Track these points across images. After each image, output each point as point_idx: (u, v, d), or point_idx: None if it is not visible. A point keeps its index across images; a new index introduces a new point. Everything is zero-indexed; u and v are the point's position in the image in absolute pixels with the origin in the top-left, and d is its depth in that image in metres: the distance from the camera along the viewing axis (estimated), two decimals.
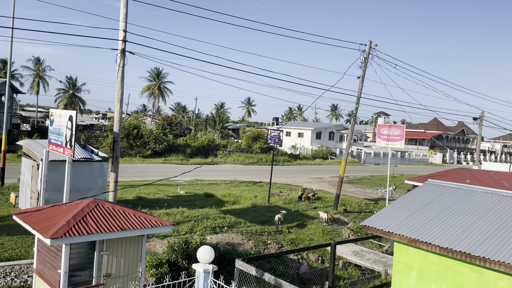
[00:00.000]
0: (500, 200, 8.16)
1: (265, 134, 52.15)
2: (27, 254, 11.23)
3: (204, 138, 50.81)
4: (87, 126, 78.41)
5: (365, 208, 21.64)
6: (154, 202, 18.65)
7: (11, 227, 12.86)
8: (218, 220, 15.87)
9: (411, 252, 7.86)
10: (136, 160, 38.31)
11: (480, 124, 36.07)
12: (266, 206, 19.92)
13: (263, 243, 14.15)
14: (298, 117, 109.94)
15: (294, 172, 39.57)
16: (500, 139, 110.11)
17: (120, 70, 12.73)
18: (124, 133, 38.27)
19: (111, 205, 8.13)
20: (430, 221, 7.87)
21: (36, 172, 14.39)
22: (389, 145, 21.37)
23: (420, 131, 78.60)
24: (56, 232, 6.80)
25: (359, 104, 20.88)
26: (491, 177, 17.27)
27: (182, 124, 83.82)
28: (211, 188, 24.14)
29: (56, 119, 11.82)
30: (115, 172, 12.91)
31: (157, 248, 12.42)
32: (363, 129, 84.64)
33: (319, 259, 14.08)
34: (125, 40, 12.60)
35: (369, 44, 20.59)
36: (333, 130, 69.50)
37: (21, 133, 40.75)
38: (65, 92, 68.69)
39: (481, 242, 6.89)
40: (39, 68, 68.69)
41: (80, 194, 13.06)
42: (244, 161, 45.03)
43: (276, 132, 22.35)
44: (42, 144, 15.44)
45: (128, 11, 12.66)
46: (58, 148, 11.65)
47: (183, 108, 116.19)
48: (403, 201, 8.99)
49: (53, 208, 8.08)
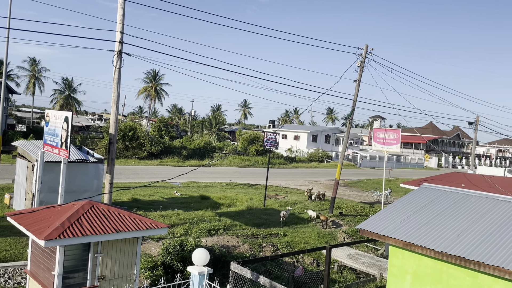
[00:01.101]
0: (494, 204, 8.20)
1: (261, 136, 52.16)
2: (21, 256, 11.15)
3: (200, 140, 50.75)
4: (83, 127, 78.08)
5: (361, 212, 21.67)
6: (150, 204, 18.60)
7: (5, 228, 12.78)
8: (213, 222, 15.84)
9: (406, 255, 7.87)
10: (132, 161, 38.20)
11: (475, 129, 36.24)
12: (261, 208, 19.91)
13: (258, 246, 14.13)
14: (295, 120, 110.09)
15: (290, 175, 39.58)
16: (495, 143, 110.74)
17: (117, 72, 12.70)
18: (120, 135, 38.16)
19: (106, 206, 8.10)
20: (425, 224, 7.89)
21: (31, 173, 14.32)
22: (384, 148, 21.42)
23: (416, 135, 78.92)
24: (50, 234, 6.77)
25: (355, 108, 20.94)
26: (486, 181, 17.33)
27: (178, 126, 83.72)
28: (206, 191, 24.10)
29: (51, 120, 11.77)
30: (111, 173, 12.87)
31: (152, 250, 12.38)
32: (359, 133, 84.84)
33: (314, 262, 14.08)
34: (122, 42, 12.58)
35: (366, 48, 20.68)
36: (329, 133, 69.65)
37: (16, 134, 40.52)
38: (61, 93, 68.42)
39: (476, 246, 6.92)
40: (35, 69, 68.40)
41: (75, 196, 12.99)
42: (240, 164, 45.01)
43: (272, 135, 22.35)
44: (37, 145, 15.36)
45: (125, 12, 12.65)
46: (53, 149, 11.59)
47: (180, 110, 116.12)
48: (398, 204, 9.01)
49: (47, 210, 8.04)
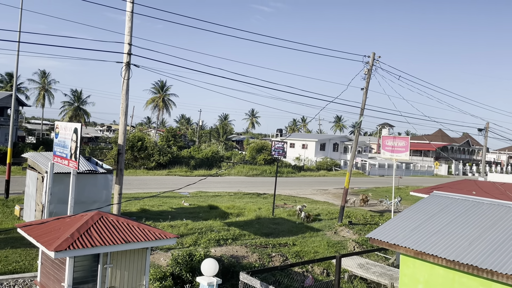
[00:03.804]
0: (507, 211, 8.08)
1: (269, 145, 52.14)
2: (31, 267, 11.19)
3: (208, 150, 50.87)
4: (92, 139, 78.75)
5: (370, 220, 21.49)
6: (158, 214, 18.62)
7: (16, 239, 12.85)
8: (222, 232, 15.80)
9: (417, 265, 7.77)
10: (140, 172, 38.35)
11: (485, 135, 35.91)
12: (270, 218, 19.82)
13: (267, 256, 14.05)
14: (302, 129, 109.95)
15: (298, 183, 39.44)
16: (505, 150, 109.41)
17: (125, 83, 12.82)
18: (128, 145, 38.39)
19: (115, 217, 8.12)
20: (436, 233, 7.79)
21: (40, 184, 14.43)
22: (393, 156, 21.28)
23: (425, 142, 78.35)
24: (60, 245, 6.79)
25: (363, 116, 20.88)
26: (497, 188, 17.12)
27: (186, 136, 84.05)
28: (215, 200, 24.08)
29: (61, 132, 11.88)
30: (119, 184, 12.92)
31: (161, 260, 12.36)
32: (368, 141, 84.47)
33: (324, 272, 13.94)
34: (130, 53, 12.71)
35: (373, 56, 20.67)
36: (337, 142, 69.42)
37: (26, 146, 40.97)
38: (70, 105, 69.17)
39: (488, 254, 6.81)
40: (45, 81, 69.31)
41: (85, 207, 13.05)
42: (248, 173, 44.97)
43: (280, 144, 22.32)
44: (47, 156, 15.50)
45: (133, 24, 12.80)
46: (63, 160, 11.69)
47: (187, 120, 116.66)
48: (408, 213, 8.92)
49: (57, 221, 8.08)
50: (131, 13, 12.70)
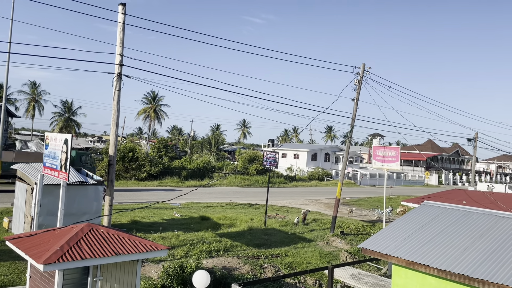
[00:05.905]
0: (496, 221, 8.15)
1: (261, 156, 52.17)
2: (20, 281, 11.00)
3: (199, 160, 50.72)
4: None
5: (362, 230, 21.50)
6: (149, 225, 18.45)
7: (4, 252, 12.64)
8: (214, 243, 15.70)
9: (409, 275, 7.78)
10: (131, 183, 38.07)
11: (475, 145, 36.31)
12: (262, 228, 19.75)
13: (259, 267, 13.97)
14: (294, 139, 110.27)
15: (290, 194, 39.42)
16: (494, 160, 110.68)
17: (116, 94, 12.79)
18: (119, 156, 38.15)
19: (106, 229, 8.04)
20: (428, 243, 7.83)
21: (30, 196, 14.25)
22: (384, 166, 21.39)
23: (415, 152, 79.00)
24: (49, 258, 6.70)
25: (354, 126, 21.02)
26: (487, 198, 17.27)
27: (177, 147, 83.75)
28: (206, 211, 23.95)
29: (51, 143, 11.78)
30: (110, 195, 12.81)
31: (152, 273, 12.22)
32: (359, 151, 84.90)
33: (316, 283, 13.89)
34: (121, 64, 12.71)
35: (363, 67, 20.89)
36: (329, 152, 69.68)
37: None
38: (60, 116, 68.76)
39: (480, 264, 6.85)
40: (35, 92, 68.93)
41: (75, 218, 12.89)
42: (240, 183, 44.87)
43: (272, 154, 22.35)
44: (36, 168, 15.33)
45: (124, 35, 12.81)
46: (52, 171, 11.57)
47: (179, 130, 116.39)
48: (400, 222, 8.95)
49: (46, 233, 7.97)
50: (122, 24, 12.72)
